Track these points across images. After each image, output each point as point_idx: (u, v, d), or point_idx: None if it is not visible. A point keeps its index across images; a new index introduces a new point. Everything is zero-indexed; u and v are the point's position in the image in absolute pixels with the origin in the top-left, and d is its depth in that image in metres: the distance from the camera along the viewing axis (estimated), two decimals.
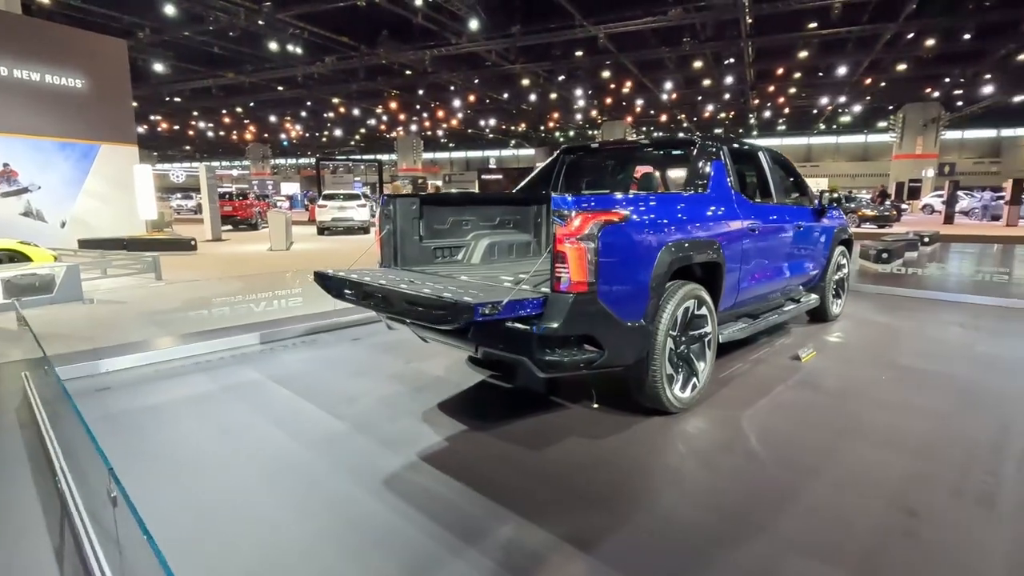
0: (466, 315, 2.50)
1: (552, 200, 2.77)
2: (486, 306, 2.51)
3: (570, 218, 2.74)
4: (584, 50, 23.88)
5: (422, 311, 2.73)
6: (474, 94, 30.27)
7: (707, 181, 3.81)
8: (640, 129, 41.22)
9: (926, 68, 26.26)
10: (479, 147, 52.89)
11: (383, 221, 3.90)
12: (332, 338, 5.42)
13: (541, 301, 2.77)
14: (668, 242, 3.19)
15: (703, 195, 3.73)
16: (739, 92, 29.99)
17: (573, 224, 2.74)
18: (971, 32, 21.18)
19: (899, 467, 2.84)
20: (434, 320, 2.71)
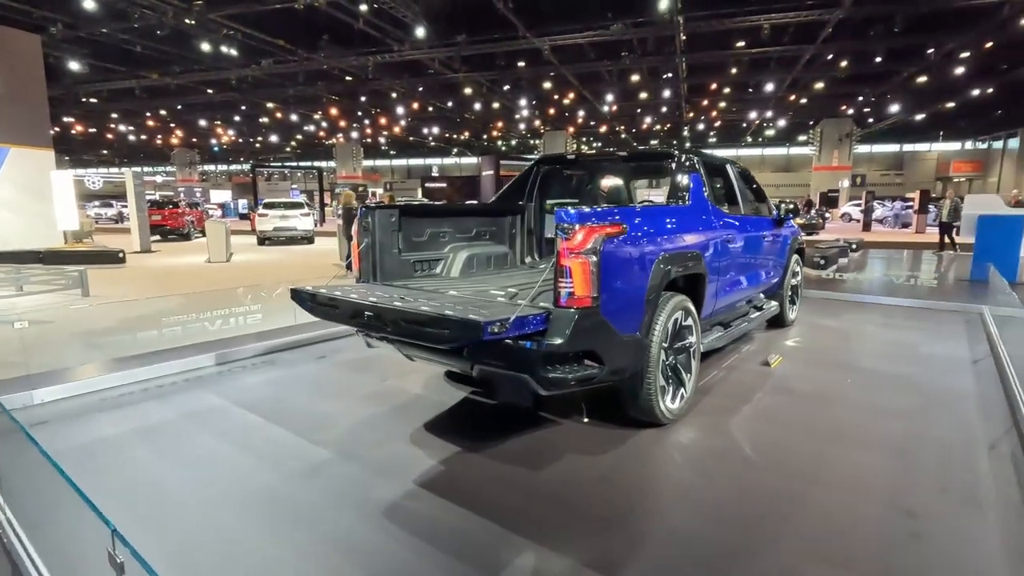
0: (474, 333, 2.39)
1: (556, 214, 2.72)
2: (495, 324, 2.41)
3: (574, 232, 2.69)
4: (527, 61, 24.15)
5: (424, 330, 2.59)
6: (417, 102, 29.93)
7: (687, 193, 3.88)
8: (581, 140, 42.11)
9: (841, 87, 28.28)
10: (421, 155, 52.27)
11: (362, 234, 3.72)
12: (294, 356, 5.12)
13: (544, 317, 2.70)
14: (661, 254, 3.20)
15: (686, 207, 3.79)
16: (674, 105, 31.18)
17: (576, 238, 2.69)
18: (880, 56, 22.99)
19: (885, 468, 2.96)
20: (437, 339, 2.58)
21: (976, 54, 21.00)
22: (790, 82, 26.78)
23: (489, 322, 2.40)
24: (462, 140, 43.41)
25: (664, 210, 3.65)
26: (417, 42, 21.40)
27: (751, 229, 4.79)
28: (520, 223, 4.87)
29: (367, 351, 5.19)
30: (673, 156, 4.13)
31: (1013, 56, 21.51)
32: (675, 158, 4.10)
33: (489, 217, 4.68)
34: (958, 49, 20.52)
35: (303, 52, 22.12)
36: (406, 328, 2.65)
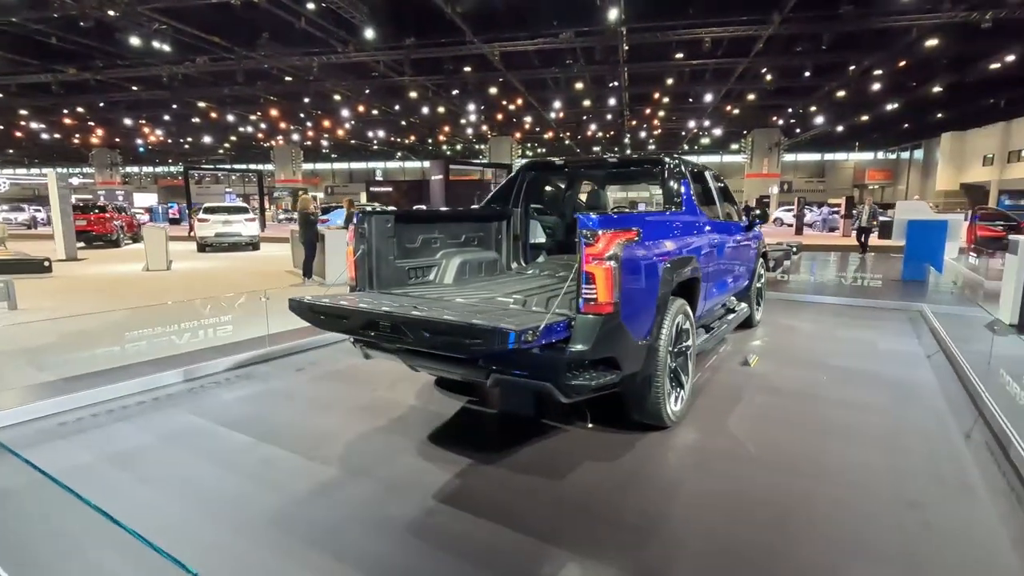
0: (505, 343, 2.34)
1: (579, 220, 2.71)
2: (527, 332, 2.37)
3: (597, 238, 2.69)
4: (474, 66, 24.17)
5: (449, 340, 2.51)
6: (362, 104, 29.28)
7: (681, 199, 3.97)
8: (527, 146, 42.51)
9: (771, 99, 29.96)
10: (363, 158, 51.14)
11: (357, 240, 3.56)
12: (269, 370, 4.85)
13: (566, 324, 2.68)
14: (669, 259, 3.26)
15: (681, 213, 3.88)
16: (618, 113, 32.04)
17: (599, 244, 2.69)
18: (807, 71, 24.51)
19: (880, 461, 3.12)
20: (463, 349, 2.50)
21: (888, 72, 22.76)
22: (725, 93, 28.10)
23: (522, 331, 2.35)
24: (407, 144, 42.81)
25: (670, 216, 3.72)
26: (363, 44, 20.98)
27: (729, 233, 4.97)
28: (506, 229, 4.83)
29: (346, 361, 5.04)
30: (664, 163, 4.23)
31: (919, 75, 23.48)
32: (666, 165, 4.19)
33: (477, 223, 4.62)
34: (874, 67, 22.13)
35: (241, 50, 21.17)
36: (430, 339, 2.55)
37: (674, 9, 18.76)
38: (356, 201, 24.18)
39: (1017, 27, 16.98)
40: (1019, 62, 19.35)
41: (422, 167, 49.80)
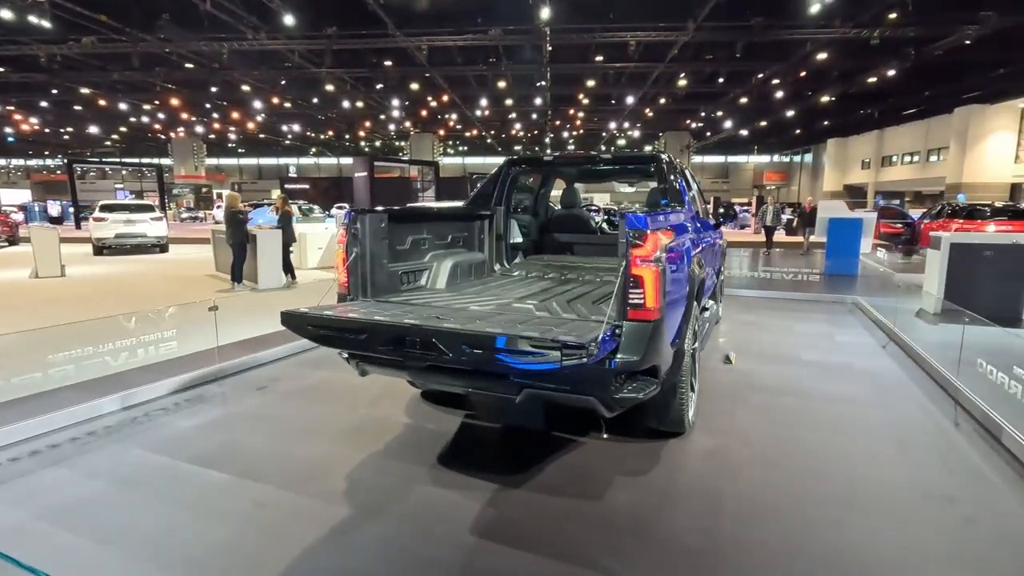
0: (571, 357, 2.09)
1: (627, 219, 2.50)
2: (589, 345, 2.13)
3: (644, 238, 2.49)
4: (397, 61, 23.41)
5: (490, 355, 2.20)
6: (274, 96, 27.48)
7: (682, 197, 3.89)
8: (448, 144, 41.94)
9: (683, 103, 31.52)
10: (274, 154, 48.14)
11: (350, 243, 3.14)
12: (224, 390, 4.25)
13: (612, 332, 2.47)
14: (693, 259, 3.14)
15: (683, 211, 3.79)
16: (541, 112, 32.36)
17: (647, 245, 2.50)
18: (715, 77, 25.93)
19: (893, 456, 3.18)
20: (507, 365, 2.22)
21: (787, 81, 24.58)
22: (642, 96, 29.15)
23: (584, 343, 2.11)
24: (323, 140, 40.85)
25: (678, 215, 3.60)
26: (277, 31, 19.67)
27: (710, 231, 4.98)
28: (488, 228, 4.54)
29: (313, 376, 4.55)
30: (661, 160, 4.13)
31: (812, 85, 25.56)
32: (663, 162, 4.09)
33: (461, 222, 4.30)
34: (774, 76, 23.77)
35: (136, 32, 19.14)
36: (472, 355, 2.24)
37: (595, 13, 19.09)
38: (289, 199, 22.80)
39: (896, 45, 18.86)
40: (895, 77, 21.54)
41: (339, 164, 47.79)
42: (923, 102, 29.64)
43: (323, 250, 11.20)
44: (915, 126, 34.20)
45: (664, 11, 18.41)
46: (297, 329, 2.68)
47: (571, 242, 5.31)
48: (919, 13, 15.78)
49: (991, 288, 6.69)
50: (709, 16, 17.15)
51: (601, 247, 5.28)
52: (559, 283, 4.10)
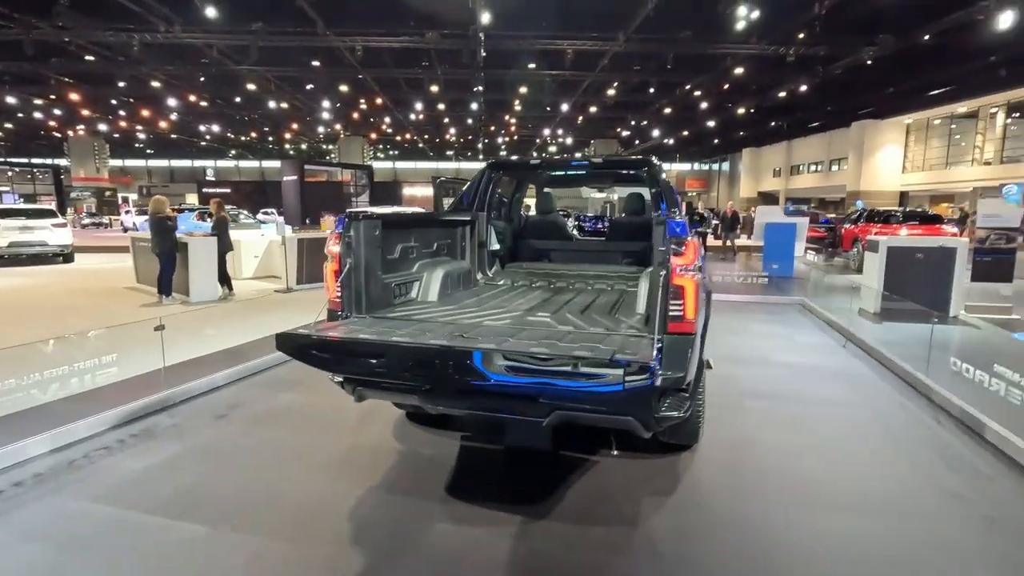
0: (642, 378, 1.92)
1: (667, 225, 2.35)
2: (655, 366, 1.96)
3: (685, 246, 2.35)
4: (325, 61, 22.48)
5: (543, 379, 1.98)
6: (190, 94, 25.61)
7: (677, 203, 3.81)
8: (379, 148, 40.88)
9: (613, 112, 32.44)
10: (188, 155, 44.86)
11: (343, 253, 2.79)
12: (176, 420, 3.72)
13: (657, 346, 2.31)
14: (704, 266, 3.05)
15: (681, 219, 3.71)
16: (476, 117, 32.21)
17: (688, 253, 2.36)
18: (645, 88, 26.84)
19: (894, 456, 3.24)
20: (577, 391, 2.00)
21: (709, 93, 25.87)
22: (573, 104, 29.69)
23: (648, 361, 1.95)
24: (244, 141, 38.59)
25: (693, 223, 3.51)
26: (194, 24, 18.35)
27: None
28: (470, 235, 4.29)
29: (277, 400, 4.12)
30: (653, 165, 4.04)
31: (731, 98, 27.06)
32: (655, 167, 4.01)
33: (445, 229, 4.02)
34: (698, 88, 24.92)
35: (29, 18, 17.20)
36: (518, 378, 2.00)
37: (529, 20, 19.16)
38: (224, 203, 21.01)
39: (805, 63, 20.27)
40: (802, 92, 23.26)
41: (261, 167, 45.37)
42: (826, 116, 32.19)
43: (259, 258, 10.42)
44: (819, 138, 37.08)
45: (596, 22, 18.76)
46: (298, 354, 2.32)
47: (548, 249, 5.15)
48: (826, 34, 17.07)
49: (922, 286, 7.20)
50: (639, 28, 17.72)
51: (578, 253, 5.16)
52: (554, 292, 3.92)
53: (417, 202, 29.93)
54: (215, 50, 20.70)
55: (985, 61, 20.14)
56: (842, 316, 6.78)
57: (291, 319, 2.91)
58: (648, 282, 3.11)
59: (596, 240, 5.59)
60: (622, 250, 5.01)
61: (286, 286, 8.94)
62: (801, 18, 16.16)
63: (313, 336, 2.29)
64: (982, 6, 14.25)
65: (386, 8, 18.58)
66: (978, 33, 15.84)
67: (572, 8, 17.52)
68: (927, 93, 26.80)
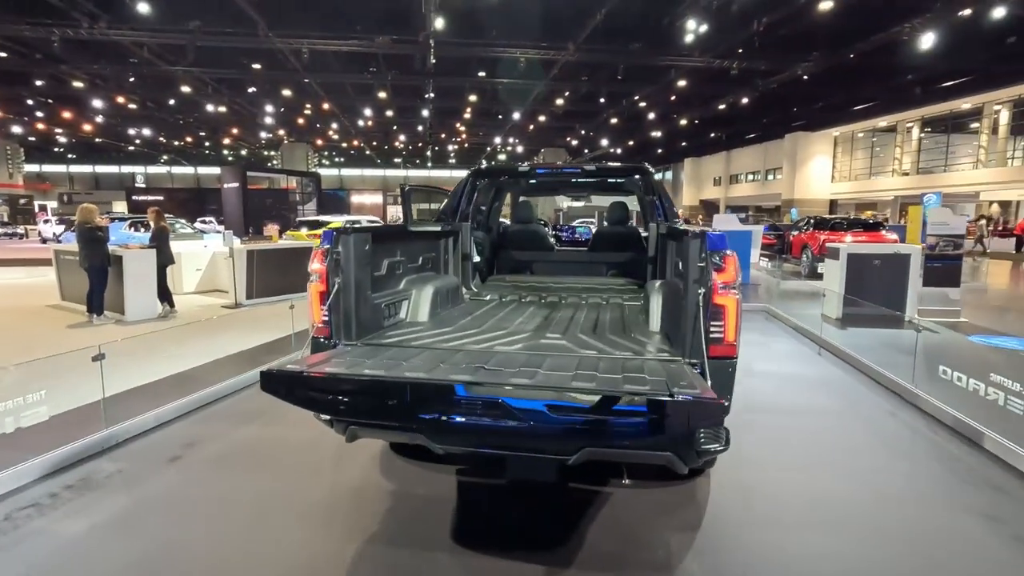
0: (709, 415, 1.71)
1: (708, 239, 2.14)
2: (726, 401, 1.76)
3: (726, 260, 2.16)
4: (268, 63, 21.52)
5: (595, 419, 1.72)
6: (118, 95, 23.91)
7: (676, 213, 3.66)
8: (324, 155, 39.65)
9: (562, 121, 32.74)
10: (115, 161, 41.93)
11: (331, 271, 2.44)
12: (121, 465, 3.21)
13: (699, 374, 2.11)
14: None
15: None
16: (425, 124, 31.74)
17: (729, 268, 2.16)
18: (594, 98, 27.22)
19: (901, 466, 3.17)
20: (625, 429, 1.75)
21: (654, 104, 26.54)
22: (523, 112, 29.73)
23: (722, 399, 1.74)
24: (178, 147, 36.48)
25: None
26: (120, 21, 17.16)
27: None
28: (454, 247, 3.98)
29: (238, 435, 3.67)
30: (649, 172, 3.87)
31: (675, 109, 27.88)
32: (651, 174, 3.84)
33: (429, 241, 3.71)
34: (645, 99, 25.51)
35: None
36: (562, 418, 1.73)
37: (478, 28, 19.00)
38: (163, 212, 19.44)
39: (745, 77, 21.10)
40: (740, 105, 24.30)
41: (196, 173, 43.01)
42: (762, 128, 33.79)
43: (202, 271, 9.65)
44: (756, 148, 38.84)
45: (546, 32, 18.80)
46: (293, 395, 1.96)
47: (529, 260, 4.91)
48: (763, 49, 17.87)
49: (880, 291, 7.42)
50: (589, 39, 17.92)
51: (560, 265, 4.95)
52: (549, 308, 3.66)
53: (366, 210, 29.12)
54: (146, 49, 19.45)
55: (903, 80, 21.80)
56: (809, 323, 6.88)
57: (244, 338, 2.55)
58: (661, 297, 2.92)
59: (578, 251, 5.42)
60: (606, 261, 4.83)
61: (234, 301, 8.28)
62: (741, 34, 16.80)
63: (310, 373, 1.94)
64: (904, 27, 15.32)
65: (332, 11, 17.99)
66: (896, 54, 17.23)
67: (523, 17, 17.52)
68: (852, 108, 28.64)
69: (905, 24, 15.31)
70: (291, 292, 8.81)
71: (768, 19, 15.76)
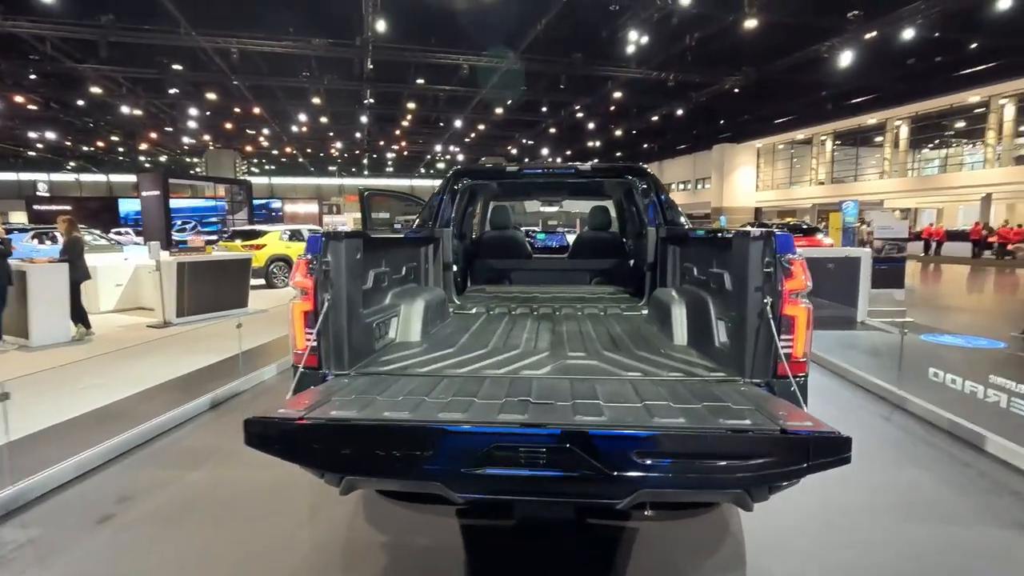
0: None
1: (777, 240, 1.88)
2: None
3: (793, 265, 1.90)
4: (191, 64, 20.08)
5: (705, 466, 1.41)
6: (15, 94, 21.58)
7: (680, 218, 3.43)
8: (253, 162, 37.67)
9: (502, 129, 32.70)
10: (12, 167, 37.85)
11: (320, 284, 1.98)
12: (34, 532, 2.57)
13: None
14: None
15: None
16: (363, 131, 30.76)
17: (800, 275, 1.91)
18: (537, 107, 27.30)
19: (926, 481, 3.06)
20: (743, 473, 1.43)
21: (592, 115, 27.00)
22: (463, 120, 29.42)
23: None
24: (87, 152, 33.49)
25: None
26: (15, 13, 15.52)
27: None
28: (434, 255, 3.57)
29: (186, 483, 3.10)
30: (649, 175, 3.62)
31: (611, 120, 28.54)
32: (650, 175, 3.59)
33: (411, 249, 3.28)
34: (583, 109, 25.88)
35: None
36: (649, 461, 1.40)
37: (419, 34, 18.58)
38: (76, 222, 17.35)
39: (679, 90, 21.81)
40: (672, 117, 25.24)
41: (108, 181, 39.68)
42: (692, 139, 35.27)
43: (123, 287, 8.63)
44: (686, 159, 40.47)
45: (487, 40, 18.62)
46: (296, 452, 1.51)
47: (507, 269, 4.56)
48: (695, 64, 18.60)
49: (834, 292, 7.62)
50: (528, 48, 17.93)
51: (541, 273, 4.63)
52: (550, 322, 3.32)
53: (300, 219, 27.79)
54: (49, 44, 17.65)
55: (817, 96, 23.47)
56: None
57: (179, 362, 2.06)
58: (684, 307, 2.65)
59: (557, 258, 5.12)
60: (589, 268, 4.56)
61: (162, 320, 7.41)
62: (675, 48, 17.39)
63: (314, 421, 1.49)
64: (820, 47, 16.46)
65: (263, 11, 17.02)
66: (812, 71, 18.64)
67: (464, 25, 17.29)
68: (773, 121, 30.44)
69: (821, 44, 16.42)
70: (228, 308, 8.03)
71: (699, 34, 16.45)
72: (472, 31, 17.62)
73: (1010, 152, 24.56)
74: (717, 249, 2.43)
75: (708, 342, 2.34)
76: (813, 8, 14.86)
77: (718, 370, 2.15)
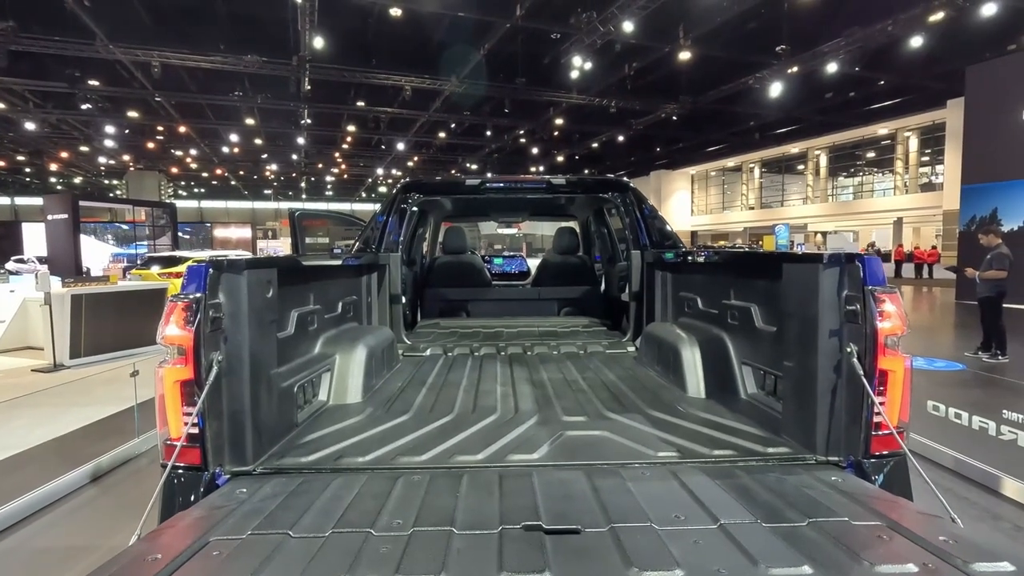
0: None
1: (866, 266, 1.41)
2: None
3: (889, 302, 1.43)
4: (104, 77, 18.51)
5: None
6: None
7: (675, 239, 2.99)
8: (180, 185, 35.45)
9: (445, 154, 32.32)
10: None
11: (203, 340, 1.33)
12: None
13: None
14: None
15: None
16: (300, 153, 29.56)
17: (895, 313, 1.43)
18: (477, 131, 27.03)
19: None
20: None
21: (535, 140, 27.16)
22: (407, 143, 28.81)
23: None
24: None
25: None
26: None
27: None
28: (378, 286, 2.95)
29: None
30: (629, 187, 3.16)
31: (552, 145, 28.85)
32: (633, 189, 3.14)
33: (347, 279, 2.65)
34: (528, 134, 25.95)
35: None
36: None
37: (359, 54, 17.97)
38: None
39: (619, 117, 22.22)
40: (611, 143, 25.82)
41: (12, 205, 36.23)
42: (630, 165, 36.21)
43: (8, 324, 7.40)
44: None
45: (430, 63, 18.25)
46: None
47: (464, 300, 3.99)
48: (634, 92, 19.03)
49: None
50: (472, 73, 17.72)
51: (503, 304, 4.09)
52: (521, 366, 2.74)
53: (232, 245, 26.13)
54: None
55: (746, 126, 24.76)
56: None
57: (61, 417, 1.38)
58: (699, 351, 2.17)
59: (519, 286, 4.59)
60: (557, 297, 4.07)
61: (52, 362, 6.31)
62: (615, 76, 17.73)
63: None
64: (748, 80, 17.30)
65: (190, 25, 15.99)
66: (740, 103, 19.69)
67: (406, 46, 16.89)
68: (706, 149, 31.76)
69: (750, 77, 17.19)
70: (138, 346, 6.98)
71: (638, 64, 16.86)
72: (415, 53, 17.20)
73: (916, 180, 26.64)
74: (741, 277, 1.98)
75: (732, 394, 1.87)
76: (744, 42, 15.47)
77: (773, 441, 1.64)
